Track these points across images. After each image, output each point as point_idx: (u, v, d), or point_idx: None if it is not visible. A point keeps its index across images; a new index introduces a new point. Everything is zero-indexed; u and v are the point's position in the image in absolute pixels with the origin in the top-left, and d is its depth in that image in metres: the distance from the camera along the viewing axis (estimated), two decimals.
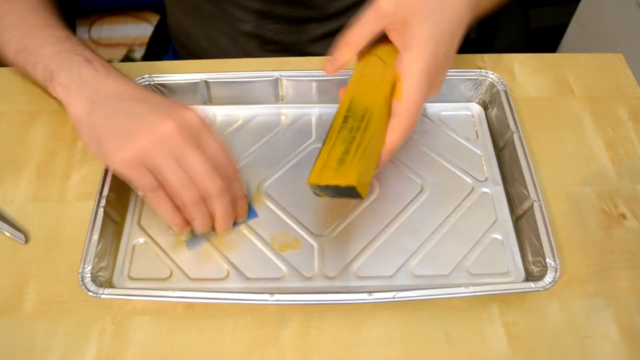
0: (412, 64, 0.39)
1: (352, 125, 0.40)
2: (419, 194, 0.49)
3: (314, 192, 0.40)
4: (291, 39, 0.68)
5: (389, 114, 0.41)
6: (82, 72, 0.43)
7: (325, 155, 0.39)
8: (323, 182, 0.38)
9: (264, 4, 0.63)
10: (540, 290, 0.41)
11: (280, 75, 0.53)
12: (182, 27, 0.73)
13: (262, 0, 0.63)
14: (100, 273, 0.43)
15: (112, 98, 0.42)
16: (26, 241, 0.46)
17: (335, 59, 0.42)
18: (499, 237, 0.47)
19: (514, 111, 0.51)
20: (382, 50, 0.43)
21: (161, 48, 0.84)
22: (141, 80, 0.53)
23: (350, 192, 0.38)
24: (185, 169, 0.40)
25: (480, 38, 0.76)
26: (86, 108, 0.42)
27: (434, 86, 0.41)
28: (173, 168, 0.39)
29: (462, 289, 0.41)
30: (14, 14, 0.49)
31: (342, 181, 0.37)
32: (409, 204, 0.49)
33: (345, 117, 0.41)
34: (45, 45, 0.46)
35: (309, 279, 0.45)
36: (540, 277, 0.42)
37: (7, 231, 0.46)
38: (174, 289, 0.41)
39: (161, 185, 0.40)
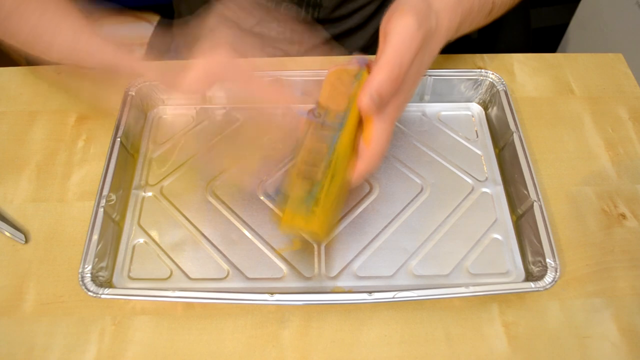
0: (389, 109, 0.39)
1: (319, 158, 0.39)
2: (419, 194, 0.49)
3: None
4: (295, 39, 0.68)
5: (354, 152, 0.41)
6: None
7: (293, 199, 0.39)
8: (294, 228, 0.39)
9: (270, 2, 0.63)
10: (540, 290, 0.41)
11: (281, 75, 0.53)
12: (187, 24, 0.73)
13: None
14: (100, 273, 0.43)
15: None
16: (26, 241, 0.46)
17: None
18: (499, 237, 0.47)
19: (514, 111, 0.51)
20: (347, 73, 0.43)
21: (161, 48, 0.84)
22: (141, 81, 0.53)
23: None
24: None
25: (481, 38, 0.76)
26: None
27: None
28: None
29: (462, 289, 0.41)
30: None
31: (312, 230, 0.38)
32: (409, 204, 0.49)
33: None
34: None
35: (309, 279, 0.45)
36: (540, 277, 0.42)
37: (7, 231, 0.46)
38: (174, 289, 0.41)
39: None
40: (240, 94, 0.44)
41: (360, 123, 0.41)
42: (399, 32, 0.37)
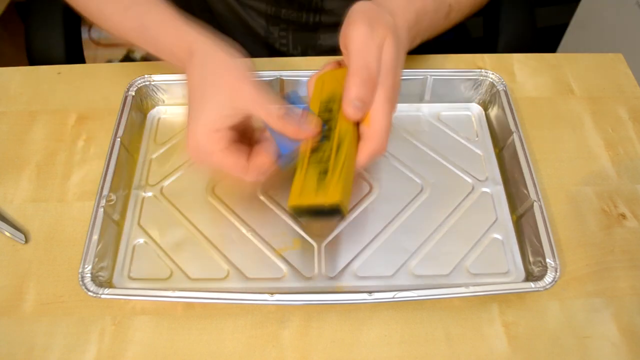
0: (379, 91, 0.40)
1: (324, 147, 0.40)
2: (419, 194, 0.49)
3: (295, 216, 0.40)
4: (299, 49, 0.67)
5: (357, 134, 0.41)
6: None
7: (301, 178, 0.39)
8: (305, 203, 0.38)
9: (271, 7, 0.63)
10: (540, 290, 0.41)
11: (280, 75, 0.53)
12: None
13: (269, 3, 0.62)
14: (100, 273, 0.43)
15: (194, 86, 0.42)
16: (26, 241, 0.46)
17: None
18: (499, 237, 0.47)
19: (514, 111, 0.51)
20: (336, 72, 0.44)
21: None
22: (140, 80, 0.53)
23: (332, 212, 0.38)
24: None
25: (486, 37, 0.76)
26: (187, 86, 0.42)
27: (394, 106, 0.41)
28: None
29: (462, 289, 0.41)
30: None
31: (325, 200, 0.37)
32: (408, 203, 0.49)
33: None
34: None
35: (309, 279, 0.45)
36: (540, 277, 0.42)
37: (7, 231, 0.46)
38: (174, 289, 0.41)
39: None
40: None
41: None
42: (355, 40, 0.40)
